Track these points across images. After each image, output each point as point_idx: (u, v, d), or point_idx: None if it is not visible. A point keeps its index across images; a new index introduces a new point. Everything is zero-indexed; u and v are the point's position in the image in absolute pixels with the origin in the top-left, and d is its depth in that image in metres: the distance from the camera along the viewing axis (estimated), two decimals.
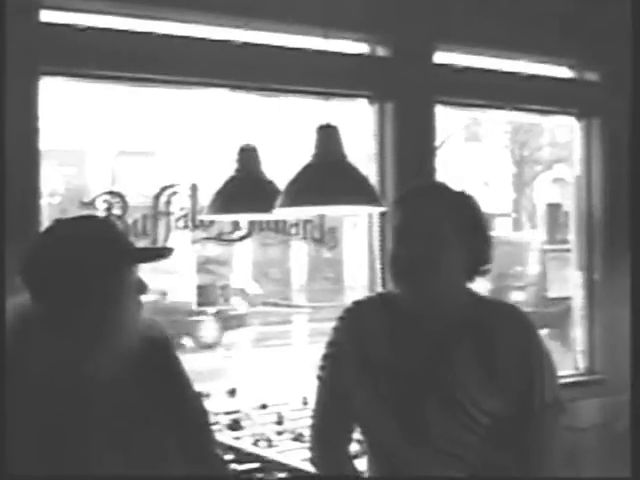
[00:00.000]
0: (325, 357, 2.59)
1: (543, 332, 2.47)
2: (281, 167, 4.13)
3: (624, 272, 2.96)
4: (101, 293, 2.06)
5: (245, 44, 4.33)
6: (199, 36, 4.27)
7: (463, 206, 2.43)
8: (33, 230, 3.60)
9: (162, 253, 2.28)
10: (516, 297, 12.04)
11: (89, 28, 3.96)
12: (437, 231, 2.35)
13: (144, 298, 2.19)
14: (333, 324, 2.58)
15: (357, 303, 2.59)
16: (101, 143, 17.40)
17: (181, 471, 2.21)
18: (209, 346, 12.65)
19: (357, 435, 2.64)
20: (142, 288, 2.17)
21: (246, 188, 3.74)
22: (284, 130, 13.88)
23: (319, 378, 2.59)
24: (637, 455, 2.80)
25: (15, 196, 3.62)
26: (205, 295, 4.88)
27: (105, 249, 2.09)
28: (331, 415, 2.58)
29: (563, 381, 2.73)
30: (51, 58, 3.82)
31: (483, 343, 2.36)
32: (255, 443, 3.92)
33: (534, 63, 5.51)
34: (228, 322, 13.01)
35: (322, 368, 2.59)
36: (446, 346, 2.38)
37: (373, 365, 2.43)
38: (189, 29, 4.24)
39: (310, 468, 2.75)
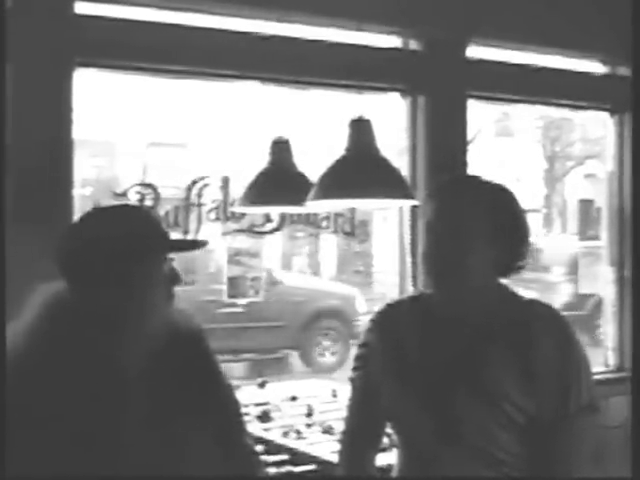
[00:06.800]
0: (357, 358, 2.59)
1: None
2: (313, 160, 4.13)
3: None
4: (135, 281, 2.09)
5: (278, 37, 4.34)
6: (232, 29, 4.27)
7: (498, 201, 2.40)
8: (66, 220, 3.62)
9: (197, 244, 2.31)
10: None
11: (122, 20, 3.98)
12: (467, 228, 2.33)
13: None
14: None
15: (389, 305, 2.59)
16: (132, 134, 17.48)
17: (213, 461, 2.23)
18: None
19: (387, 429, 2.64)
20: (176, 279, 2.19)
21: (278, 181, 3.75)
22: (316, 123, 13.88)
23: (351, 379, 2.60)
24: (638, 456, 2.80)
25: (49, 186, 3.66)
26: (235, 287, 4.89)
27: (141, 238, 2.11)
28: (363, 416, 2.58)
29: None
30: (85, 49, 3.84)
31: (518, 342, 2.34)
32: (285, 435, 3.93)
33: (567, 58, 5.47)
34: None
35: (354, 369, 2.59)
36: (480, 344, 2.36)
37: (405, 365, 2.43)
38: (222, 21, 4.25)
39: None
